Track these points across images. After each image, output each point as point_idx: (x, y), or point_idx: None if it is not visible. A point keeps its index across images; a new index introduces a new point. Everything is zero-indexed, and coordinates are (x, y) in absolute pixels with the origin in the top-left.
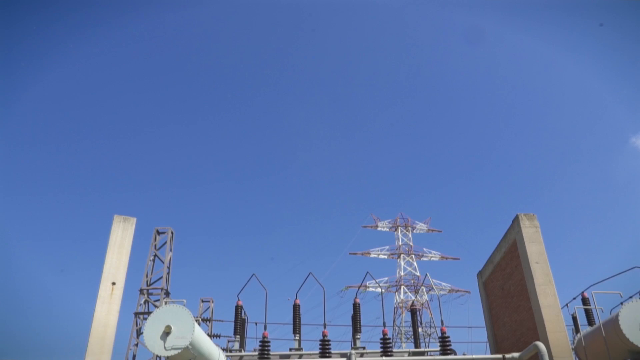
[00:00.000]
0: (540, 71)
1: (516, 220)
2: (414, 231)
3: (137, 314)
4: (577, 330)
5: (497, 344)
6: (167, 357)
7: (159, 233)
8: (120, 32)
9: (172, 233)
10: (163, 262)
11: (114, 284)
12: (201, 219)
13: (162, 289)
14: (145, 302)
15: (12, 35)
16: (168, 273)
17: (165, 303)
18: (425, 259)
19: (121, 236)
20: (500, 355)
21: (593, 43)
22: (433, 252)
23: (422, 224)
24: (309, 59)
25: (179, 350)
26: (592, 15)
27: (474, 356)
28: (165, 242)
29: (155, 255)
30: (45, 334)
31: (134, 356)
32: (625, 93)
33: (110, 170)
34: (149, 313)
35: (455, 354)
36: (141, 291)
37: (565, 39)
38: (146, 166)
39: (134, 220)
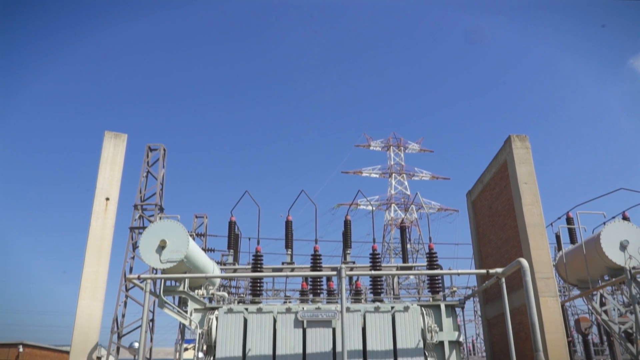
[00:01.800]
0: None
1: (508, 141)
2: (406, 151)
3: (132, 229)
4: (559, 248)
5: (482, 260)
6: (163, 269)
7: (151, 150)
8: None
9: (164, 150)
10: (156, 179)
11: (107, 199)
12: (194, 135)
13: (156, 205)
14: (140, 217)
15: None
16: (161, 189)
17: (160, 218)
18: (416, 178)
19: (113, 152)
20: (484, 271)
21: None
22: (424, 171)
23: (415, 144)
24: None
25: (175, 263)
26: None
27: (459, 271)
28: (158, 159)
29: (148, 172)
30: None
31: (131, 268)
32: (626, 13)
33: (100, 87)
34: (143, 228)
35: (441, 268)
36: (135, 207)
37: None
38: (136, 83)
39: (125, 136)
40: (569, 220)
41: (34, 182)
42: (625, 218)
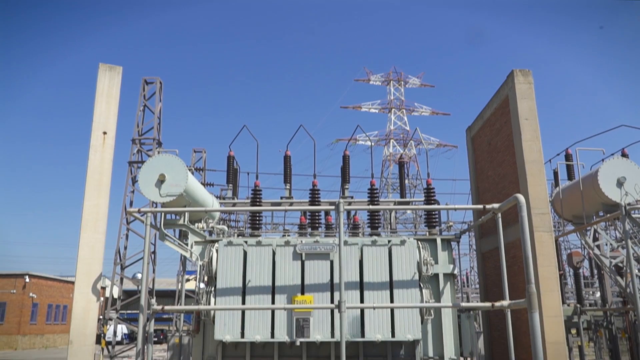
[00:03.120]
0: None
1: (510, 76)
2: (407, 86)
3: (130, 163)
4: (556, 184)
5: (479, 196)
6: (163, 203)
7: (147, 83)
8: None
9: (160, 83)
10: (153, 113)
11: (105, 133)
12: (192, 71)
13: (154, 139)
14: (138, 151)
15: None
16: (159, 123)
17: (158, 153)
18: (416, 113)
19: (108, 85)
20: (481, 206)
21: None
22: (424, 107)
23: (415, 79)
24: None
25: (174, 197)
26: None
27: (457, 206)
28: (154, 93)
29: (144, 106)
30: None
31: (131, 202)
32: None
33: (94, 19)
34: (142, 162)
35: (439, 203)
36: (133, 141)
37: None
38: (134, 21)
39: (120, 69)
40: (568, 157)
41: (35, 117)
42: (624, 155)
